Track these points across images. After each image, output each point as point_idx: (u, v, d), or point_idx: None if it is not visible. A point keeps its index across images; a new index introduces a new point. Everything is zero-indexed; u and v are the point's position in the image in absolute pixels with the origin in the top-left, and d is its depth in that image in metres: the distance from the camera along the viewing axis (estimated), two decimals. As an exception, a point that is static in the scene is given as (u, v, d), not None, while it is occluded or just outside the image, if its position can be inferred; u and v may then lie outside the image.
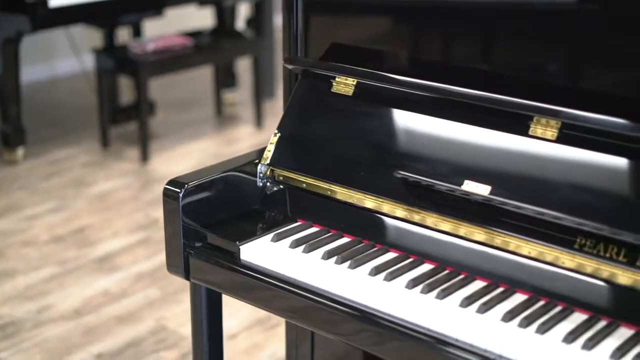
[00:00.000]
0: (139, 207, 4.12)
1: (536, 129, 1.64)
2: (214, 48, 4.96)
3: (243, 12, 5.83)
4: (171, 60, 4.68)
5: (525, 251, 1.60)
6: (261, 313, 3.21)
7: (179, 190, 1.79)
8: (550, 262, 1.58)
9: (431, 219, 1.71)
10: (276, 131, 1.93)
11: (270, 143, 1.92)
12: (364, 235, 1.78)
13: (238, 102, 5.47)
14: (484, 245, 1.66)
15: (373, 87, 1.85)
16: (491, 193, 1.63)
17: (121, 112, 4.97)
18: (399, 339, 1.52)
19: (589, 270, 1.53)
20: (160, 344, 3.03)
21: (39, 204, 4.16)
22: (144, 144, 4.63)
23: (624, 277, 1.50)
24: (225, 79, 5.36)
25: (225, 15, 5.22)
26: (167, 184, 1.81)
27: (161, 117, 5.28)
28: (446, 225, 1.70)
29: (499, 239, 1.64)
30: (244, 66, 5.98)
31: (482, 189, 1.64)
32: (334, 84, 1.90)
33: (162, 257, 3.55)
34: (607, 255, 1.51)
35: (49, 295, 3.34)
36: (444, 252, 1.69)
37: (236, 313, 3.24)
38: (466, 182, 1.67)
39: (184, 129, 5.16)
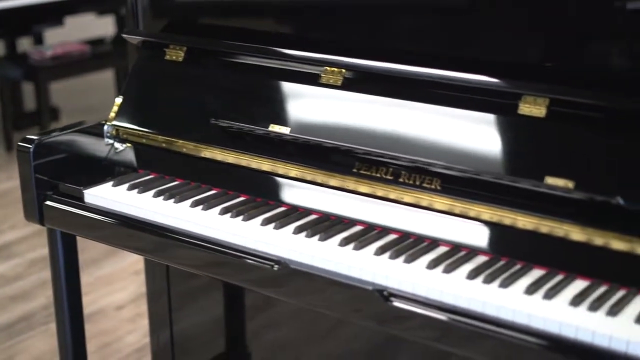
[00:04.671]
0: (38, 201, 4.33)
1: (328, 77, 1.95)
2: (112, 54, 5.22)
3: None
4: (69, 65, 4.93)
5: (332, 182, 1.88)
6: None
7: (29, 146, 2.05)
8: (336, 187, 1.87)
9: (255, 162, 1.99)
10: (120, 95, 2.20)
11: (115, 105, 2.19)
12: (193, 178, 2.05)
13: (141, 107, 5.70)
14: (297, 180, 1.94)
15: (199, 53, 2.15)
16: (291, 132, 1.93)
17: (25, 118, 5.19)
18: (203, 251, 1.81)
19: (365, 190, 1.84)
20: (50, 317, 3.26)
21: (-58, 203, 4.36)
22: (46, 146, 4.85)
23: (408, 196, 1.79)
24: (128, 85, 5.60)
25: (125, 24, 5.47)
26: (19, 142, 2.08)
27: (65, 122, 5.49)
28: (267, 166, 1.97)
29: (310, 175, 1.92)
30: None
31: (284, 130, 1.94)
32: (167, 52, 2.18)
33: (57, 244, 3.80)
34: (378, 175, 1.82)
35: (-54, 283, 3.55)
36: (262, 188, 1.97)
37: (125, 287, 3.51)
38: (271, 125, 1.96)
39: (88, 133, 5.38)
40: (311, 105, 1.95)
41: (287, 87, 2.00)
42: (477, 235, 1.71)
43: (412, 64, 1.82)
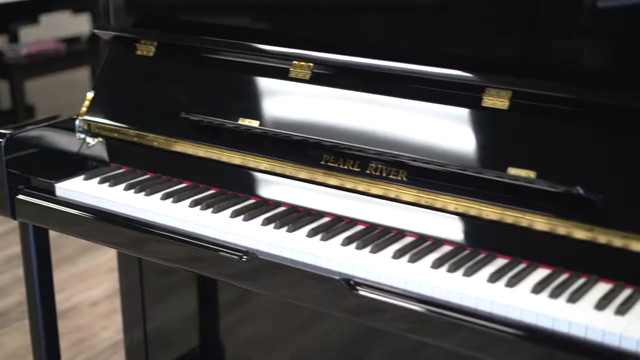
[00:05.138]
0: (13, 199, 4.34)
1: (297, 72, 1.97)
2: (87, 52, 5.22)
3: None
4: (44, 63, 4.93)
5: (301, 175, 1.90)
6: (122, 284, 3.48)
7: (1, 140, 2.06)
8: (305, 179, 1.90)
9: (226, 156, 2.01)
10: (91, 90, 2.22)
11: (87, 100, 2.21)
12: (164, 172, 2.07)
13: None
14: (267, 173, 1.96)
15: (169, 48, 2.17)
16: (261, 125, 1.96)
17: (0, 117, 5.18)
18: (174, 243, 1.83)
19: (333, 182, 1.86)
20: (25, 314, 3.24)
21: None
22: (21, 144, 4.85)
23: (376, 187, 1.82)
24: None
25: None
26: (-10, 135, 2.09)
27: (41, 121, 5.50)
28: (237, 159, 2.00)
29: (279, 168, 1.94)
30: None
31: (253, 123, 1.97)
32: (138, 47, 2.20)
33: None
34: (346, 167, 1.84)
35: None
36: (232, 180, 1.99)
37: (99, 284, 3.52)
38: (241, 118, 1.98)
39: (64, 132, 5.38)
40: (280, 99, 1.98)
41: (257, 81, 2.02)
42: (443, 226, 1.74)
43: (378, 58, 1.85)
